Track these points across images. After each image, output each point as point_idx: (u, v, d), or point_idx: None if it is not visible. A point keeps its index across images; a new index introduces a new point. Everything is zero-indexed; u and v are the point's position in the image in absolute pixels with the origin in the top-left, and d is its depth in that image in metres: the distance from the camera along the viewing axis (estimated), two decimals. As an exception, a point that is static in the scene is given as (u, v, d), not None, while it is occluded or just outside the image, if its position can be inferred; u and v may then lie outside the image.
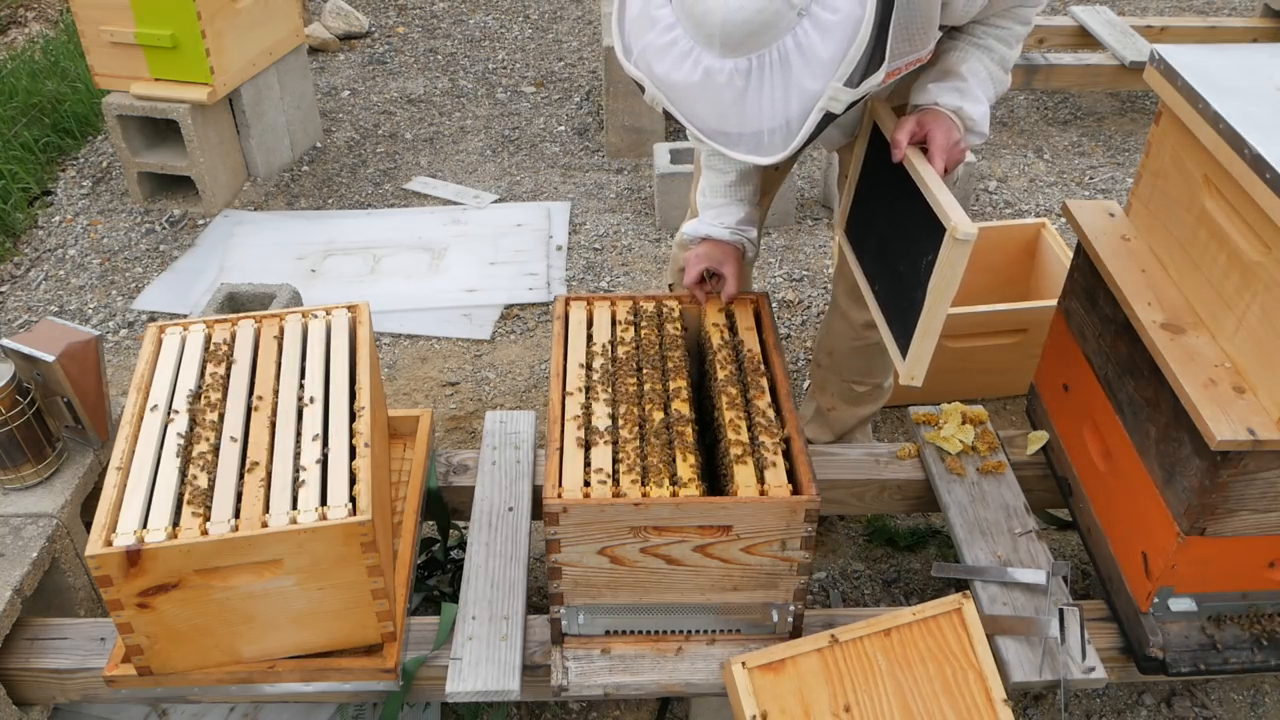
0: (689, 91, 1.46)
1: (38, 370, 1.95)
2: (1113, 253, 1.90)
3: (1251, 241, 1.60)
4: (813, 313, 3.24)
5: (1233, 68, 1.74)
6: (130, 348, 3.17)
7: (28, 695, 1.86)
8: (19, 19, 5.29)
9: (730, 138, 1.49)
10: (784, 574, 1.70)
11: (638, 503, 1.60)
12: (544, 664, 1.79)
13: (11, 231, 3.64)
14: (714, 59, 1.41)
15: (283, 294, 2.75)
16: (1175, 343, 1.69)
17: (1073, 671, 1.75)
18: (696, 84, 1.44)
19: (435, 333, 3.19)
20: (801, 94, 1.42)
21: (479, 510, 2.05)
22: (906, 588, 2.37)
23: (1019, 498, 2.07)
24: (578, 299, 2.01)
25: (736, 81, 1.42)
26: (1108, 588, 1.91)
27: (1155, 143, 1.86)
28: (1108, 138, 4.21)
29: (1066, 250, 2.84)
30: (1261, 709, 2.11)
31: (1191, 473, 1.62)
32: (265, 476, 1.67)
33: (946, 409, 2.22)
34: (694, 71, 1.43)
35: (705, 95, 1.45)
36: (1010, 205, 3.78)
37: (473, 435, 2.82)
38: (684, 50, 1.43)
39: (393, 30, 5.20)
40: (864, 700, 1.66)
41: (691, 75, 1.44)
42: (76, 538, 2.00)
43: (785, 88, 1.42)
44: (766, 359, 1.89)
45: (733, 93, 1.43)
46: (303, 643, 1.74)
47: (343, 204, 3.87)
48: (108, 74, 3.61)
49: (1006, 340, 2.74)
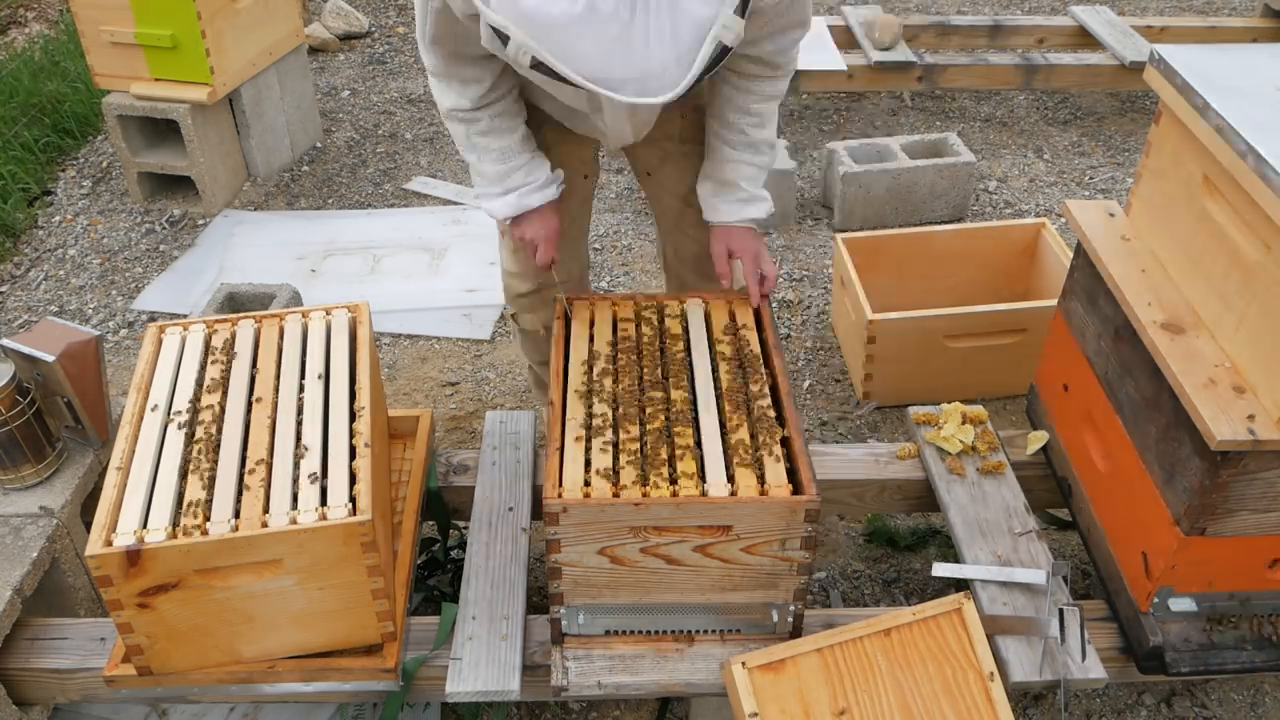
0: (570, 28, 1.37)
1: (38, 370, 1.95)
2: (1113, 253, 1.90)
3: (1251, 241, 1.60)
4: (813, 313, 3.24)
5: (1233, 68, 1.74)
6: (130, 348, 3.16)
7: (28, 695, 1.86)
8: (19, 19, 5.29)
9: (615, 81, 1.41)
10: (784, 574, 1.70)
11: (638, 503, 1.60)
12: (544, 664, 1.79)
13: (11, 231, 3.64)
14: None
15: (283, 294, 2.75)
16: (1175, 343, 1.69)
17: (1073, 671, 1.75)
18: (578, 16, 1.36)
19: (435, 333, 3.19)
20: (692, 22, 1.39)
21: (479, 510, 2.05)
22: (906, 588, 2.37)
23: (1019, 498, 2.07)
24: (579, 299, 2.01)
25: (622, 12, 1.36)
26: (1108, 588, 1.91)
27: (1155, 143, 1.86)
28: (1108, 138, 4.21)
29: (1066, 250, 2.84)
30: (1261, 709, 2.11)
31: (1191, 473, 1.62)
32: (265, 476, 1.67)
33: (946, 409, 2.22)
34: (574, 3, 1.35)
35: (589, 30, 1.37)
36: (1010, 205, 3.78)
37: (473, 435, 2.82)
38: None
39: (393, 30, 5.19)
40: (864, 700, 1.66)
41: (572, 7, 1.36)
42: (76, 538, 2.00)
43: (674, 17, 1.38)
44: (767, 359, 1.89)
45: (618, 25, 1.36)
46: (303, 643, 1.74)
47: (343, 204, 3.87)
48: (108, 74, 3.60)
49: (1006, 340, 2.74)
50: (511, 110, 1.87)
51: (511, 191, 1.91)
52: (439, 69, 1.79)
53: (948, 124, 4.31)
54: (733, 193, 1.97)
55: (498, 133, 1.86)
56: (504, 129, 1.86)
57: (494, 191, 1.92)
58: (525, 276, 2.22)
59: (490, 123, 1.85)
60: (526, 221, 1.95)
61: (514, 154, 1.88)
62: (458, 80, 1.80)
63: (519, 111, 1.89)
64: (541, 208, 1.94)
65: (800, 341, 3.13)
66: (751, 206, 1.98)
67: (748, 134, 1.91)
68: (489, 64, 1.78)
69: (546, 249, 1.97)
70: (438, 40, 1.72)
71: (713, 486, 1.63)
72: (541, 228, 1.95)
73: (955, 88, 4.24)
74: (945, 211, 3.63)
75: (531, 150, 1.91)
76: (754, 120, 1.91)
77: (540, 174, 1.92)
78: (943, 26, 4.52)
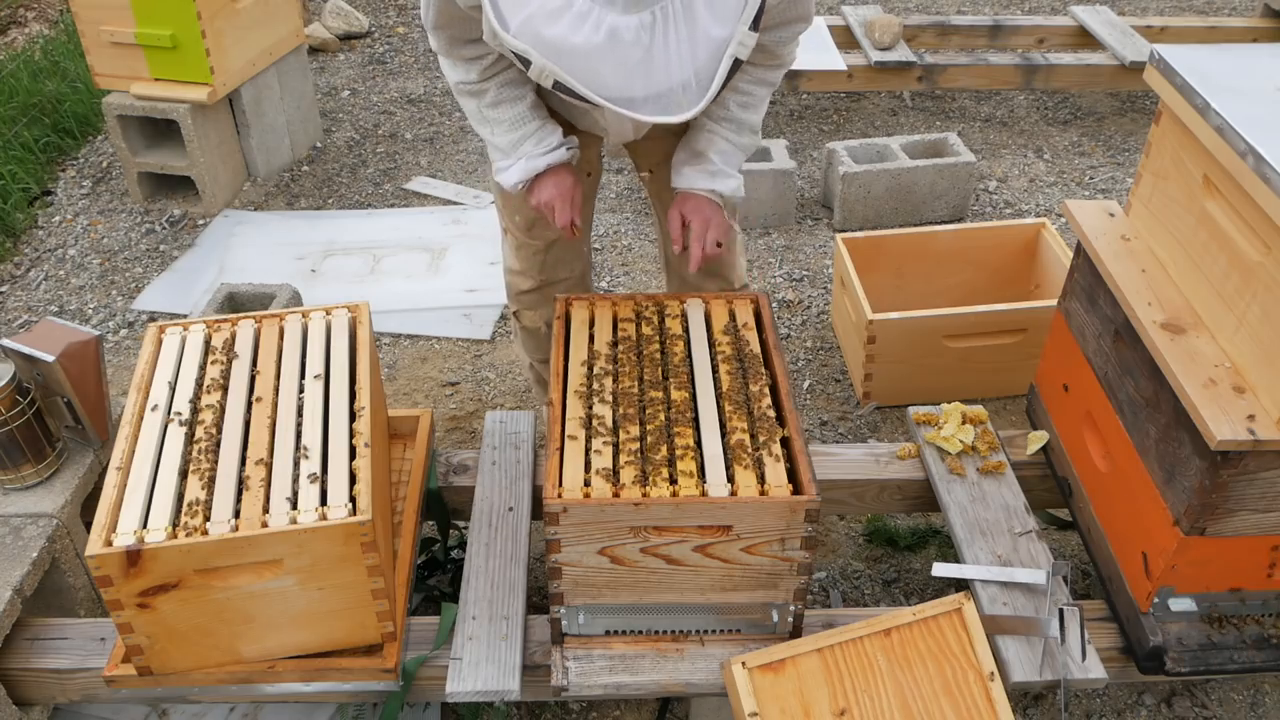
0: (591, 54, 1.42)
1: (38, 370, 1.95)
2: (1113, 253, 1.90)
3: (1251, 242, 1.60)
4: (813, 313, 3.24)
5: (1233, 68, 1.74)
6: (130, 348, 3.16)
7: (28, 695, 1.86)
8: (19, 19, 5.29)
9: (636, 101, 1.45)
10: (784, 574, 1.70)
11: (638, 503, 1.60)
12: (544, 664, 1.79)
13: (11, 231, 3.64)
14: (617, 16, 1.39)
15: (283, 294, 2.75)
16: (1175, 343, 1.69)
17: (1073, 671, 1.75)
18: (600, 45, 1.41)
19: (435, 333, 3.19)
20: (710, 43, 1.43)
21: (479, 510, 2.05)
22: (906, 588, 2.37)
23: (1019, 498, 2.07)
24: (579, 299, 2.01)
25: (643, 37, 1.40)
26: (1108, 588, 1.91)
27: (1155, 143, 1.86)
28: (1108, 138, 4.21)
29: (1066, 250, 2.84)
30: (1261, 709, 2.10)
31: (1191, 473, 1.62)
32: (265, 476, 1.67)
33: (946, 409, 2.22)
34: (596, 32, 1.40)
35: (611, 56, 1.41)
36: (1010, 205, 3.78)
37: (473, 435, 2.82)
38: (581, 11, 1.40)
39: (393, 30, 5.19)
40: (864, 700, 1.66)
41: (594, 36, 1.40)
42: (76, 538, 2.00)
43: (692, 39, 1.42)
44: (767, 359, 1.89)
45: (640, 50, 1.41)
46: (303, 643, 1.74)
47: (343, 204, 3.87)
48: (108, 74, 3.60)
49: (1006, 340, 2.74)
50: (517, 79, 1.88)
51: (523, 158, 1.92)
52: (443, 49, 1.84)
53: (948, 124, 4.31)
54: (703, 164, 1.97)
55: (507, 102, 1.88)
56: (512, 97, 1.88)
57: (507, 162, 1.94)
58: (528, 274, 2.23)
59: (498, 92, 1.87)
60: (540, 186, 1.94)
61: (525, 121, 1.90)
62: (461, 59, 1.84)
63: (525, 80, 1.88)
64: (554, 170, 1.93)
65: (800, 341, 3.13)
66: (718, 180, 1.97)
67: (731, 110, 1.92)
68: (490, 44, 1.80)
69: (563, 208, 1.94)
70: (439, 26, 1.78)
71: (713, 486, 1.63)
72: (555, 188, 1.93)
73: (955, 88, 4.24)
74: (945, 211, 3.63)
75: (543, 117, 1.91)
76: (742, 99, 1.91)
77: (551, 139, 1.92)
78: (943, 26, 4.52)
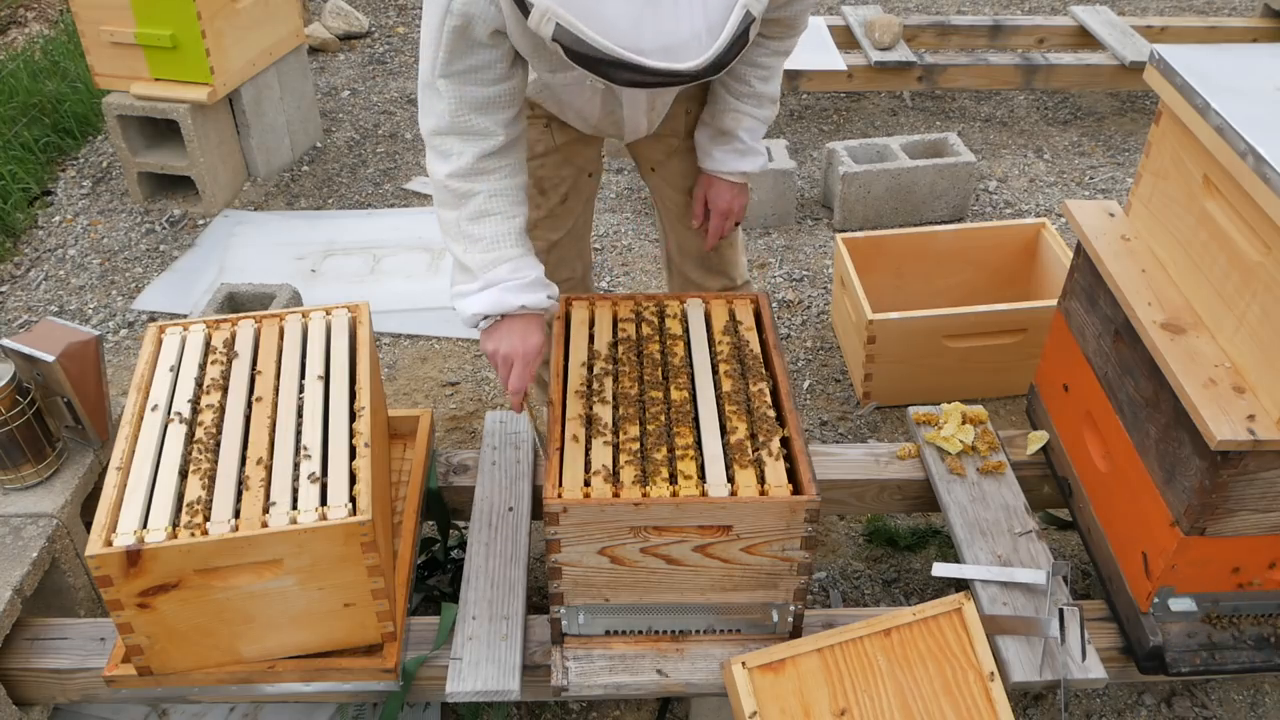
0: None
1: (38, 370, 1.95)
2: (1113, 253, 1.90)
3: (1251, 242, 1.60)
4: (813, 313, 3.24)
5: (1233, 68, 1.74)
6: (130, 348, 3.16)
7: (28, 695, 1.86)
8: (19, 19, 5.29)
9: (643, 48, 1.35)
10: (784, 574, 1.70)
11: (638, 503, 1.60)
12: (544, 664, 1.79)
13: (11, 231, 3.64)
14: None
15: (283, 294, 2.75)
16: (1175, 343, 1.69)
17: (1073, 671, 1.75)
18: None
19: (435, 333, 3.19)
20: None
21: (479, 510, 2.05)
22: (906, 588, 2.37)
23: (1019, 498, 2.07)
24: (579, 299, 2.01)
25: None
26: (1108, 588, 1.91)
27: (1155, 143, 1.86)
28: (1108, 138, 4.21)
29: (1066, 250, 2.84)
30: (1261, 709, 2.11)
31: (1191, 473, 1.62)
32: (265, 476, 1.67)
33: (946, 409, 2.22)
34: None
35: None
36: (1010, 205, 3.78)
37: (473, 435, 2.82)
38: None
39: (393, 30, 5.19)
40: (864, 700, 1.66)
41: None
42: (76, 538, 2.00)
43: None
44: (767, 359, 1.89)
45: None
46: (303, 643, 1.74)
47: (343, 204, 3.87)
48: (108, 74, 3.60)
49: (1006, 340, 2.74)
50: (511, 193, 1.69)
51: (492, 286, 1.66)
52: (444, 117, 1.62)
53: (948, 124, 4.31)
54: (730, 143, 1.98)
55: (492, 217, 1.67)
56: (499, 212, 1.67)
57: (472, 287, 1.68)
58: None
59: (486, 202, 1.66)
60: (503, 331, 1.68)
61: (504, 245, 1.67)
62: (461, 135, 1.64)
63: (520, 200, 1.71)
64: (523, 317, 1.68)
65: (800, 341, 3.13)
66: (746, 159, 1.99)
67: (753, 85, 1.91)
68: (499, 113, 1.64)
69: (520, 373, 1.69)
70: (449, 74, 1.58)
71: (713, 486, 1.63)
72: (521, 343, 1.67)
73: (955, 88, 4.25)
74: (945, 211, 3.63)
75: (526, 248, 1.70)
76: (762, 73, 1.91)
77: (529, 273, 1.68)
78: (943, 26, 4.52)
